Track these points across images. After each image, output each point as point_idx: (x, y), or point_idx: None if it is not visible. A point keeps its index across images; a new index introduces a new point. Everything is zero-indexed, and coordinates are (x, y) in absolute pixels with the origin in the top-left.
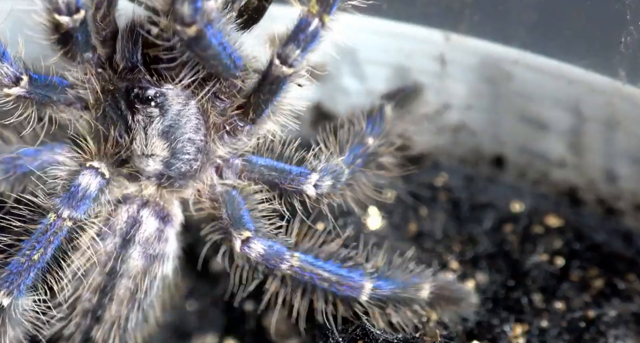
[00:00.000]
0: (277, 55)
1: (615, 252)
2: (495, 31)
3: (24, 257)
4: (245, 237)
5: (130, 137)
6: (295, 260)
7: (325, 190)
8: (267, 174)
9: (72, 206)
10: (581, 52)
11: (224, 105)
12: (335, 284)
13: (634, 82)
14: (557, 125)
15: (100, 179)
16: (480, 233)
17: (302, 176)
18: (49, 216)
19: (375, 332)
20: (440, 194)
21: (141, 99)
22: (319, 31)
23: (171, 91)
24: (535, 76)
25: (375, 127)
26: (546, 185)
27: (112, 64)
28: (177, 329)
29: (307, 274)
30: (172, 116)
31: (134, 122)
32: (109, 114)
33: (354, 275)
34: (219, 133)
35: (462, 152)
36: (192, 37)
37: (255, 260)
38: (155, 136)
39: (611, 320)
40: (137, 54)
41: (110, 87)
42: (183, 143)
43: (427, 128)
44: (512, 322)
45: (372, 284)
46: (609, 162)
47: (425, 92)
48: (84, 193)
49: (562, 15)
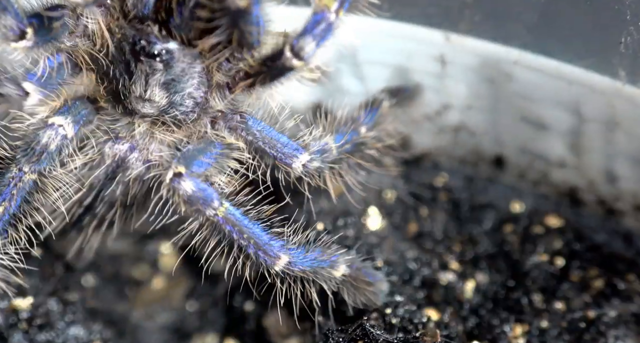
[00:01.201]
0: (290, 47)
1: (615, 253)
2: (495, 31)
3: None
4: (179, 171)
5: (130, 80)
6: (221, 210)
7: (311, 170)
8: (261, 140)
9: (32, 162)
10: (581, 52)
11: (230, 67)
12: (253, 246)
13: (634, 82)
14: (557, 126)
15: (62, 137)
16: (480, 234)
17: (293, 153)
18: (11, 168)
19: (376, 332)
20: (440, 194)
21: (147, 52)
22: (333, 25)
23: (179, 50)
24: (535, 76)
25: (370, 118)
26: (546, 185)
27: (122, 3)
28: (177, 329)
29: (228, 227)
30: (176, 72)
31: (136, 68)
32: (111, 52)
33: (274, 244)
34: (220, 89)
35: (462, 152)
36: (241, 9)
37: (182, 197)
38: (155, 86)
39: (611, 320)
40: (150, 4)
41: (117, 29)
42: (182, 96)
43: (427, 128)
44: (512, 322)
45: (288, 259)
46: (609, 162)
47: (424, 92)
48: (44, 150)
49: (562, 15)
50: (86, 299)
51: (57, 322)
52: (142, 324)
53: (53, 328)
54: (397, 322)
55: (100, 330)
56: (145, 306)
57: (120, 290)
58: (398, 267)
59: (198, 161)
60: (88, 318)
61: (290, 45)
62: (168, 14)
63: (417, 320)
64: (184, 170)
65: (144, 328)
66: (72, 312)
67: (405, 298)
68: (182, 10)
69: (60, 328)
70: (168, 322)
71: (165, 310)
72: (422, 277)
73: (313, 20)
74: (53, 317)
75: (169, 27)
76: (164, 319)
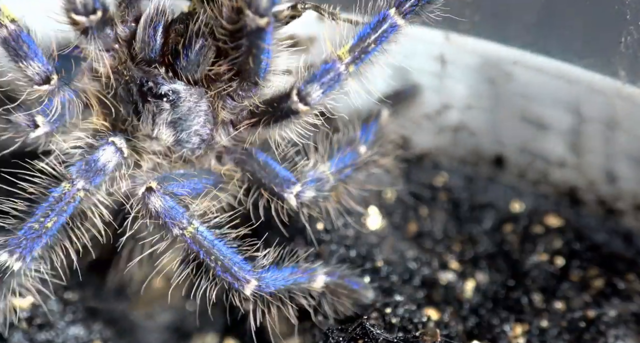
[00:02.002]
0: (297, 91)
1: (615, 252)
2: (495, 31)
3: (38, 224)
4: (151, 186)
5: (138, 120)
6: (189, 230)
7: (306, 200)
8: (258, 170)
9: (88, 178)
10: (581, 52)
11: (234, 105)
12: (220, 268)
13: (634, 82)
14: (557, 125)
15: (120, 157)
16: (480, 233)
17: (285, 183)
18: (62, 185)
19: (376, 332)
20: (440, 194)
21: (154, 93)
22: (342, 78)
23: (185, 90)
24: (535, 76)
25: (369, 134)
26: (546, 185)
27: (130, 48)
28: (177, 329)
29: (194, 247)
30: (182, 111)
31: (143, 108)
32: (119, 92)
33: (244, 267)
34: (225, 126)
35: (462, 152)
36: (260, 27)
37: (150, 212)
38: (162, 125)
39: (611, 320)
40: (157, 48)
41: (124, 70)
42: (189, 134)
43: (427, 128)
44: (512, 322)
45: (257, 282)
46: (609, 162)
47: (424, 92)
48: (103, 169)
49: (562, 15)
50: (86, 299)
51: (57, 322)
52: (142, 324)
53: (53, 328)
54: (397, 321)
55: (100, 329)
56: (145, 306)
57: (120, 290)
58: (398, 266)
59: (177, 183)
60: (88, 318)
61: (298, 89)
62: (174, 56)
63: (417, 319)
64: (155, 185)
65: (144, 328)
66: (72, 311)
67: (405, 297)
68: (188, 52)
69: (60, 328)
70: (168, 322)
71: (165, 310)
72: (422, 277)
73: (322, 69)
74: (53, 317)
75: (175, 69)
76: (163, 319)
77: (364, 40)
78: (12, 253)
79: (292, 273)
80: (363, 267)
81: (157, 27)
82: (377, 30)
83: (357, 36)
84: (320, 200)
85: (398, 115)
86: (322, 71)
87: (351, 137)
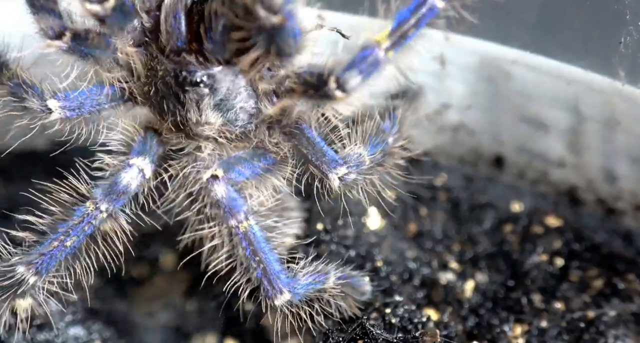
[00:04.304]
0: (336, 78)
1: (615, 252)
2: (494, 31)
3: (58, 242)
4: (217, 174)
5: (184, 109)
6: (244, 224)
7: (349, 181)
8: (306, 146)
9: (111, 200)
10: (581, 52)
11: (272, 74)
12: (261, 272)
13: (634, 82)
14: (556, 125)
15: (141, 178)
16: (480, 233)
17: (332, 164)
18: (87, 205)
19: (375, 332)
20: (440, 194)
21: (190, 82)
22: (381, 62)
23: (219, 72)
24: (535, 76)
25: (393, 127)
26: (545, 185)
27: (157, 40)
28: (177, 329)
29: (244, 243)
30: (222, 92)
31: (185, 98)
32: (160, 88)
33: (282, 277)
34: (268, 97)
35: (461, 152)
36: (276, 26)
37: (211, 199)
38: (208, 109)
39: (611, 320)
40: (182, 36)
41: (157, 66)
42: (236, 112)
43: (426, 127)
44: (512, 322)
45: (289, 295)
46: (609, 161)
47: (425, 92)
48: (125, 191)
49: (561, 15)
50: (86, 299)
51: (56, 322)
52: (142, 324)
53: (53, 329)
54: (397, 321)
55: (100, 329)
56: (145, 305)
57: (120, 290)
58: (398, 266)
59: (238, 169)
60: (88, 318)
61: (336, 76)
62: (199, 41)
63: (417, 319)
64: (221, 173)
65: (144, 328)
66: (72, 312)
67: (405, 297)
68: (211, 35)
69: (59, 328)
70: (168, 322)
71: (165, 310)
72: (422, 277)
73: (361, 55)
74: (53, 317)
75: (204, 53)
76: (163, 319)
77: (403, 24)
78: (29, 267)
79: (314, 279)
80: (363, 267)
81: (178, 15)
82: (417, 13)
83: (396, 20)
84: (359, 182)
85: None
86: (360, 57)
87: (381, 127)
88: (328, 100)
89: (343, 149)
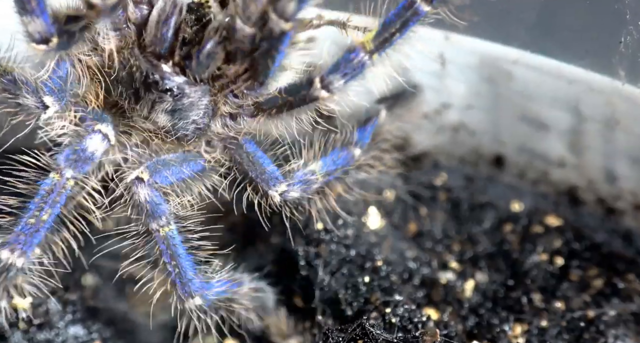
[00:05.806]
0: (321, 78)
1: (615, 252)
2: (494, 31)
3: (34, 218)
4: (142, 176)
5: (137, 103)
6: (164, 229)
7: (290, 199)
8: (246, 162)
9: (77, 167)
10: (581, 52)
11: (237, 101)
12: (175, 275)
13: (634, 81)
14: (556, 125)
15: (107, 144)
16: (480, 233)
17: (272, 180)
18: (51, 176)
19: (375, 332)
20: (440, 194)
21: (158, 87)
22: (365, 67)
23: (190, 88)
24: (535, 76)
25: (366, 137)
26: (546, 184)
27: (139, 34)
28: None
29: (162, 246)
30: (184, 104)
31: (144, 95)
32: (121, 75)
33: (195, 282)
34: (223, 118)
35: (461, 151)
36: (283, 31)
37: (134, 200)
38: (161, 112)
39: (611, 320)
40: (167, 46)
41: (129, 56)
42: (186, 123)
43: (426, 127)
44: (512, 321)
45: (200, 301)
46: (609, 161)
47: (424, 92)
48: (91, 157)
49: (562, 15)
50: (86, 299)
51: (56, 322)
52: (141, 323)
53: (53, 328)
54: (397, 321)
55: (100, 329)
56: (145, 305)
57: (120, 290)
58: (398, 266)
59: (164, 174)
60: (88, 317)
61: (321, 77)
62: (185, 57)
63: (417, 319)
64: (146, 177)
65: (144, 328)
66: (71, 311)
67: (405, 297)
68: (199, 55)
69: (59, 327)
70: (168, 322)
71: (165, 310)
72: (422, 277)
73: (346, 57)
74: (53, 317)
75: (183, 67)
76: (163, 318)
77: (388, 28)
78: (13, 250)
79: (227, 288)
80: (363, 267)
81: (170, 25)
82: (402, 17)
83: (381, 24)
84: (304, 201)
85: (396, 117)
86: (345, 60)
87: (347, 139)
88: (313, 101)
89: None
